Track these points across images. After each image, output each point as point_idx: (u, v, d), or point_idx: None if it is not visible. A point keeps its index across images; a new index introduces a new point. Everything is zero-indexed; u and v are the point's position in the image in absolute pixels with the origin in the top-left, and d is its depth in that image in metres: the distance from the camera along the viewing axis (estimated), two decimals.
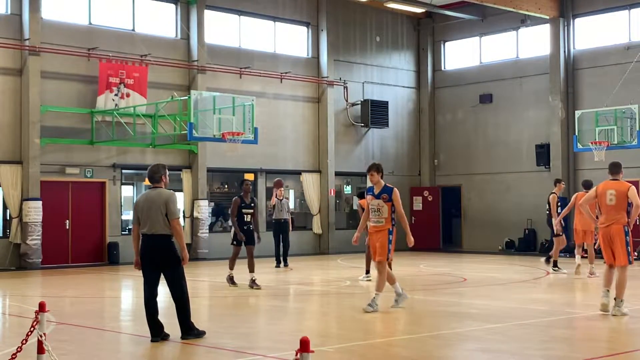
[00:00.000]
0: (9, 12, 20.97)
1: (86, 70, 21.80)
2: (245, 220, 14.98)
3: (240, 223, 14.94)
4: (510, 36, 27.53)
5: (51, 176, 21.19)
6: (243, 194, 15.06)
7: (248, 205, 15.03)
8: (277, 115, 25.57)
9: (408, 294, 12.26)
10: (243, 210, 14.97)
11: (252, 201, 15.14)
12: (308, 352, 4.87)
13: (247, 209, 15.03)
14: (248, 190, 15.12)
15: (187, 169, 23.65)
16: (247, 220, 15.01)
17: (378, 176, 11.47)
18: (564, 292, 15.22)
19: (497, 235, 27.08)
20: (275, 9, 25.86)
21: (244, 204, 14.97)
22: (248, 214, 15.02)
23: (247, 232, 15.02)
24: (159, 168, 9.38)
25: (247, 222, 15.02)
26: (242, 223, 14.96)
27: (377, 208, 11.41)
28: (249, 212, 15.03)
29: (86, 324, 10.52)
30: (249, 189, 15.15)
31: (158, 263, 9.15)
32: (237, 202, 14.97)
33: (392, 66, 28.97)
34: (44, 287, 17.11)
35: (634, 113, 21.54)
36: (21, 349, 6.58)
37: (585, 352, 8.62)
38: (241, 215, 14.96)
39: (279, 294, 14.83)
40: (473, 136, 28.26)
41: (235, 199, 15.10)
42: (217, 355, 8.61)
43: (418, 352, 8.63)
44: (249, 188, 15.16)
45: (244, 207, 15.00)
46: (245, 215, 14.99)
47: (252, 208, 15.09)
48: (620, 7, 24.81)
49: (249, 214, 15.03)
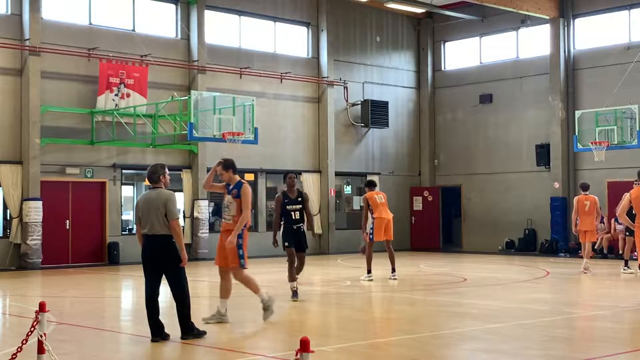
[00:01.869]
0: (9, 12, 20.97)
1: (86, 70, 21.80)
2: (293, 219, 12.94)
3: (287, 222, 12.96)
4: (510, 36, 27.53)
5: (51, 176, 21.19)
6: (287, 189, 13.16)
7: (294, 201, 13.03)
8: (277, 115, 25.57)
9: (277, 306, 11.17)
10: (288, 207, 12.99)
11: (299, 195, 13.12)
12: (308, 352, 4.87)
13: (292, 204, 13.01)
14: (292, 184, 13.18)
15: (187, 169, 23.65)
16: (295, 219, 12.96)
17: (228, 174, 10.50)
18: (564, 292, 15.23)
19: (497, 235, 27.08)
20: (275, 9, 25.86)
21: (287, 199, 13.00)
22: (295, 211, 12.97)
23: (296, 233, 12.98)
24: (157, 168, 9.37)
25: (296, 221, 12.97)
26: (290, 222, 12.95)
27: (227, 204, 10.45)
28: (296, 208, 12.99)
29: (86, 324, 10.52)
30: (293, 183, 13.21)
31: (159, 263, 9.15)
32: (278, 200, 13.07)
33: (392, 66, 28.97)
34: (44, 287, 17.11)
35: (634, 113, 21.53)
36: (21, 349, 6.58)
37: (585, 352, 8.61)
38: (287, 214, 12.98)
39: (279, 294, 14.80)
40: (473, 136, 28.26)
41: (278, 196, 13.24)
42: (217, 355, 8.61)
43: (418, 352, 8.62)
44: (293, 182, 13.22)
45: (288, 203, 13.01)
46: (292, 213, 12.96)
47: (299, 203, 13.05)
48: (620, 7, 24.79)
49: (297, 210, 12.99)
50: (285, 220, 12.94)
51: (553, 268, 19.61)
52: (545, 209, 25.56)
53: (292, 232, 12.83)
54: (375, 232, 16.27)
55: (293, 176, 13.31)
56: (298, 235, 12.92)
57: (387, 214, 16.42)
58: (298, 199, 13.02)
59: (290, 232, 12.83)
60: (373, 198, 16.35)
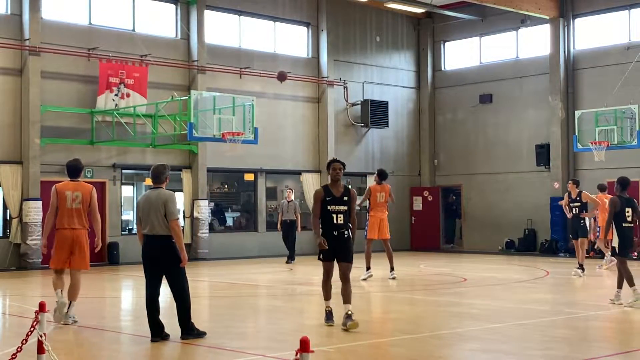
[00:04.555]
0: (9, 12, 20.97)
1: (86, 70, 21.79)
2: (335, 223, 9.97)
3: (327, 227, 10.00)
4: (510, 36, 27.52)
5: (51, 176, 21.14)
6: (330, 183, 10.16)
7: (338, 200, 10.01)
8: (277, 115, 25.56)
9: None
10: (329, 208, 9.96)
11: (345, 193, 10.08)
12: (308, 352, 4.87)
13: (336, 204, 9.99)
14: (338, 176, 10.10)
15: (187, 169, 23.64)
16: (337, 223, 9.97)
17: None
18: (564, 292, 15.23)
19: (497, 235, 27.07)
20: (275, 9, 25.85)
21: (330, 197, 10.00)
22: (339, 213, 10.00)
23: (338, 241, 9.99)
24: (164, 169, 9.38)
25: (339, 226, 9.99)
26: (331, 226, 9.98)
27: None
28: (341, 209, 10.00)
29: (86, 324, 10.51)
30: (338, 175, 10.10)
31: (159, 263, 9.16)
32: (319, 196, 10.06)
33: (392, 66, 28.96)
34: (44, 287, 17.09)
35: (634, 113, 21.54)
36: (21, 349, 6.58)
37: (585, 352, 8.62)
38: (328, 215, 9.98)
39: (279, 294, 14.82)
40: (473, 136, 28.25)
41: (318, 190, 10.21)
42: (217, 355, 8.61)
43: (418, 352, 8.63)
44: (338, 173, 10.09)
45: (331, 201, 9.99)
46: (335, 216, 9.97)
47: (345, 203, 10.03)
48: (620, 7, 24.79)
49: (341, 212, 10.01)
50: (324, 224, 10.03)
51: (553, 268, 19.61)
52: (545, 209, 25.55)
53: (333, 239, 9.97)
54: (369, 230, 16.41)
55: (339, 166, 10.15)
56: (340, 243, 10.00)
57: (382, 213, 16.51)
58: (344, 197, 10.04)
59: (329, 240, 9.96)
60: (375, 195, 16.45)
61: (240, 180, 26.02)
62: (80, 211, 10.59)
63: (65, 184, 10.80)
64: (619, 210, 12.07)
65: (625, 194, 12.27)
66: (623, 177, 12.42)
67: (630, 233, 12.24)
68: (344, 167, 10.24)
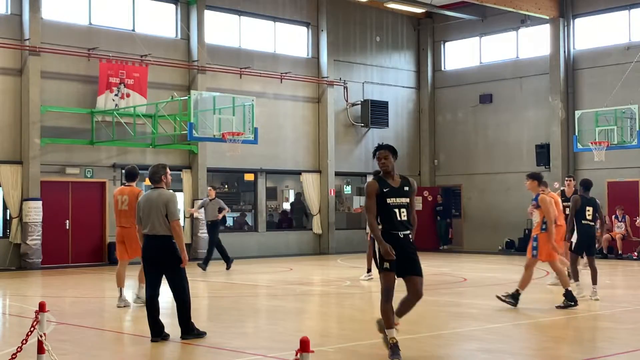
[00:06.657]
0: (9, 12, 20.97)
1: (86, 70, 21.80)
2: (398, 220, 7.83)
3: (388, 226, 7.84)
4: (510, 36, 27.53)
5: (51, 176, 21.19)
6: (382, 174, 7.98)
7: (398, 191, 7.90)
8: (277, 115, 25.57)
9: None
10: (389, 201, 7.81)
11: (405, 182, 7.98)
12: (308, 352, 4.87)
13: (397, 196, 7.86)
14: (386, 167, 7.92)
15: (187, 169, 23.64)
16: (401, 220, 7.84)
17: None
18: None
19: (497, 235, 27.07)
20: (275, 9, 25.86)
21: (387, 188, 7.87)
22: (402, 208, 7.86)
23: (404, 245, 7.84)
24: (158, 168, 9.41)
25: (403, 224, 7.86)
26: (394, 225, 7.84)
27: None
28: (403, 202, 7.87)
29: (86, 324, 10.52)
30: (385, 166, 7.92)
31: (159, 263, 9.15)
32: (373, 188, 7.85)
33: (392, 66, 28.97)
34: (44, 287, 17.11)
35: (634, 113, 21.55)
36: (21, 349, 6.58)
37: (585, 352, 8.62)
38: (388, 212, 7.83)
39: (279, 294, 14.82)
40: (473, 136, 28.26)
41: (370, 183, 7.96)
42: (217, 355, 8.61)
43: (418, 352, 8.62)
44: (384, 164, 7.91)
45: (389, 193, 7.85)
46: (397, 211, 7.82)
47: (406, 195, 7.90)
48: (620, 7, 24.80)
49: (403, 206, 7.87)
50: (383, 223, 7.87)
51: None
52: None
53: (397, 243, 7.77)
54: None
55: (384, 154, 7.92)
56: (406, 248, 7.84)
57: None
58: (404, 187, 7.93)
59: (393, 244, 7.74)
60: None
61: (241, 180, 26.03)
62: (127, 212, 11.86)
63: (121, 189, 12.47)
64: (579, 208, 13.05)
65: (587, 195, 13.20)
66: (586, 179, 13.53)
67: (589, 230, 13.07)
68: (395, 153, 7.97)
